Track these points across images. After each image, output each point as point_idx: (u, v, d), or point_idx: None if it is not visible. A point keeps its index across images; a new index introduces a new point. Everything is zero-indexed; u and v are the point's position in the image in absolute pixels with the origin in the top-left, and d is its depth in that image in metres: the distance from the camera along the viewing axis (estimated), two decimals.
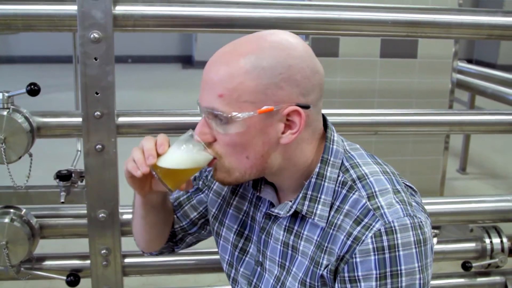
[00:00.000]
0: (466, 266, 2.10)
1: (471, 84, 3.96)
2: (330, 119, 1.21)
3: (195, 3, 1.80)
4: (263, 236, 1.24)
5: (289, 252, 1.18)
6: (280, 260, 1.20)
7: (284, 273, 1.19)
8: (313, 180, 1.15)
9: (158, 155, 1.11)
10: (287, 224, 1.18)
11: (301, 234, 1.16)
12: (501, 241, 2.12)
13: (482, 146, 5.49)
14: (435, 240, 1.98)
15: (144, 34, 9.62)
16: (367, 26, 1.89)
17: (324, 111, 1.20)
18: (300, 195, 1.15)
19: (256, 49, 1.07)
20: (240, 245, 1.30)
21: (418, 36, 2.00)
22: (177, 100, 7.35)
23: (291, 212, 1.16)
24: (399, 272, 1.03)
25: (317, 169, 1.15)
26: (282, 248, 1.19)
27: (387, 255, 1.03)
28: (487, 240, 2.13)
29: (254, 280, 1.26)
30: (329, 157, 1.16)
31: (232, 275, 1.33)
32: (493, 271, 2.18)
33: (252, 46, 1.08)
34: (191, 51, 10.53)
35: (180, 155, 1.11)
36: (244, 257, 1.30)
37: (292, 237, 1.18)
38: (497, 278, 2.18)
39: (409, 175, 3.43)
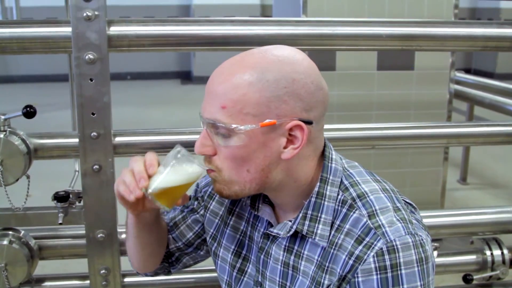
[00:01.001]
0: (467, 278, 2.09)
1: (469, 95, 3.97)
2: (327, 134, 1.20)
3: (189, 22, 1.82)
4: (262, 256, 1.22)
5: (290, 272, 1.17)
6: (280, 280, 1.19)
7: None
8: (313, 199, 1.14)
9: (149, 176, 1.10)
10: (287, 244, 1.17)
11: (301, 254, 1.15)
12: (502, 253, 2.11)
13: (482, 155, 5.48)
14: (435, 253, 1.97)
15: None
16: (362, 40, 1.90)
17: None
18: (300, 215, 1.14)
19: (262, 62, 1.07)
20: (238, 265, 1.29)
21: (413, 49, 2.02)
22: (176, 116, 7.37)
23: (291, 232, 1.15)
24: None
25: (316, 188, 1.14)
26: (282, 268, 1.18)
27: (389, 274, 1.03)
28: (488, 252, 2.11)
29: None
30: (328, 176, 1.15)
31: None
32: (494, 283, 2.16)
33: (258, 59, 1.08)
34: (190, 67, 10.55)
35: (171, 173, 1.09)
36: (242, 277, 1.28)
37: (292, 257, 1.16)
38: None
39: (409, 187, 3.42)
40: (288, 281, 1.17)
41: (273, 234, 1.19)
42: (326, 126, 1.17)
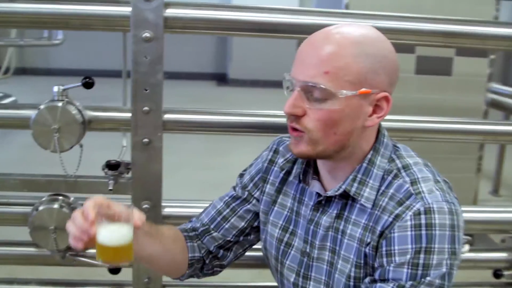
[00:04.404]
0: (497, 274, 2.12)
1: (505, 104, 3.96)
2: None
3: (241, 8, 1.90)
4: (312, 227, 1.31)
5: (339, 236, 1.26)
6: (330, 245, 1.28)
7: (336, 257, 1.27)
8: (364, 164, 1.24)
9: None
10: (338, 212, 1.27)
11: (350, 219, 1.25)
12: None
13: None
14: (467, 247, 2.01)
15: (180, 51, 9.79)
16: (404, 35, 1.96)
17: None
18: (351, 176, 1.24)
19: (364, 37, 1.18)
20: (285, 239, 1.38)
21: (453, 47, 2.06)
22: None
23: (340, 191, 1.24)
24: (432, 249, 1.12)
25: (369, 156, 1.25)
26: (333, 234, 1.27)
27: (423, 232, 1.12)
28: None
29: (302, 271, 1.34)
30: (380, 147, 1.26)
31: (278, 269, 1.40)
32: None
33: (359, 33, 1.18)
34: (226, 69, 10.66)
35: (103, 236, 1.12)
36: (289, 250, 1.37)
37: (342, 222, 1.26)
38: None
39: None
40: (337, 245, 1.26)
41: (322, 197, 1.28)
42: None
